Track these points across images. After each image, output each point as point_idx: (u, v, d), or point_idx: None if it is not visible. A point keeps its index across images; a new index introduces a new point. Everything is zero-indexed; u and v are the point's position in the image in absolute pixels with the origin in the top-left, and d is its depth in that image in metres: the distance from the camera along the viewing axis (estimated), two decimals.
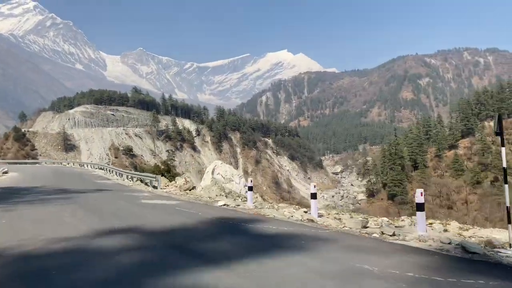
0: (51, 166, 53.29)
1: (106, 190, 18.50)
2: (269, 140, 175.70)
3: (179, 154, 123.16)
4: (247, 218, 10.10)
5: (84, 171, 39.29)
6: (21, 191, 17.14)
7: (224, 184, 18.23)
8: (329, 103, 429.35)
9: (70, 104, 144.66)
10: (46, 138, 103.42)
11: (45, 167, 46.39)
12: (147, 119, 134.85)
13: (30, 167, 47.53)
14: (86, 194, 16.15)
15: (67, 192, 16.62)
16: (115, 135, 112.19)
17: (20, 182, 22.18)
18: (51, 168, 42.86)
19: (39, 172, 33.66)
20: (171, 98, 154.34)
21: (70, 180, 25.25)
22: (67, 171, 37.00)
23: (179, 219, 9.62)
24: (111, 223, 8.63)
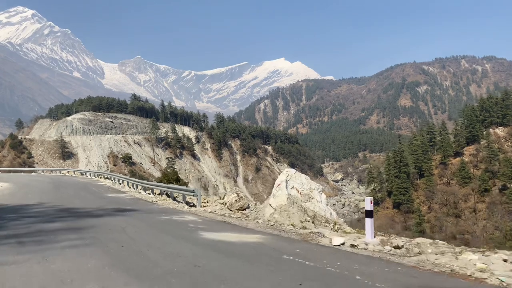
0: (49, 175, 48.21)
1: (129, 211, 13.78)
2: (268, 147, 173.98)
3: (179, 161, 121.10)
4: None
5: (89, 181, 33.07)
6: (8, 213, 12.23)
7: (303, 203, 12.57)
8: (328, 110, 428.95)
9: (67, 111, 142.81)
10: (43, 145, 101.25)
11: (43, 177, 40.40)
12: (146, 126, 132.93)
13: (26, 176, 42.26)
14: (104, 219, 11.52)
15: (77, 216, 12.06)
16: (114, 143, 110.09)
17: (10, 198, 17.53)
18: (49, 178, 37.24)
19: (36, 182, 28.66)
20: (171, 105, 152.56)
21: (75, 194, 20.23)
22: (69, 181, 31.34)
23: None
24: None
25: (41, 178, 35.61)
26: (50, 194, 20.13)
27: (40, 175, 46.13)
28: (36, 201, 16.13)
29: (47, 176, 44.17)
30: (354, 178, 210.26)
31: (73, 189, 23.60)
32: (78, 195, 20.13)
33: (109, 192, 22.51)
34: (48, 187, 24.63)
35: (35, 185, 26.00)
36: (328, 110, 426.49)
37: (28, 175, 44.91)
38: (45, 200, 16.57)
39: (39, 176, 43.78)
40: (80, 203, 16.14)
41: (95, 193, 21.91)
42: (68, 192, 21.86)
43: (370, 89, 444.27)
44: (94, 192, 22.63)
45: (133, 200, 18.60)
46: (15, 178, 35.24)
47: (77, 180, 35.18)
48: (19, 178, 35.74)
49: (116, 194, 21.33)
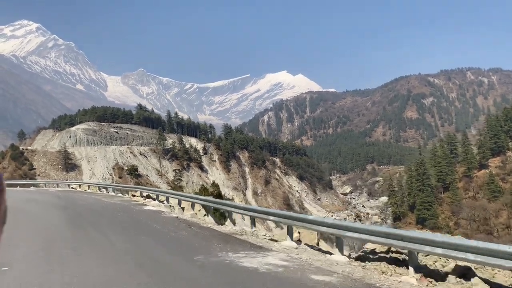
0: (54, 190, 36.04)
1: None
2: (276, 159, 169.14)
3: (186, 173, 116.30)
4: None
5: (119, 203, 21.82)
6: None
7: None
8: (332, 122, 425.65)
9: (71, 122, 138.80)
10: (46, 156, 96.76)
11: (46, 193, 29.90)
12: (152, 137, 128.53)
13: (23, 192, 30.63)
14: None
15: None
16: (119, 154, 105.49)
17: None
18: (55, 196, 26.50)
19: (36, 205, 19.19)
20: (177, 116, 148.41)
21: (133, 250, 9.17)
22: (88, 203, 20.80)
23: None
24: None
25: (45, 197, 25.57)
26: (65, 242, 9.66)
27: (42, 191, 36.04)
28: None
29: (51, 192, 32.03)
30: (364, 191, 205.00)
31: (110, 224, 13.30)
32: (143, 252, 8.93)
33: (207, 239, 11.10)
34: (58, 216, 14.68)
35: (34, 211, 16.42)
36: (332, 122, 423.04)
37: (26, 191, 34.03)
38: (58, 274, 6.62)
39: (41, 192, 33.05)
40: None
41: (174, 242, 10.54)
42: (106, 233, 11.27)
43: (375, 101, 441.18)
44: (166, 238, 11.18)
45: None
46: (11, 196, 25.68)
47: (100, 200, 23.45)
48: (12, 196, 23.68)
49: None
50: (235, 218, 15.35)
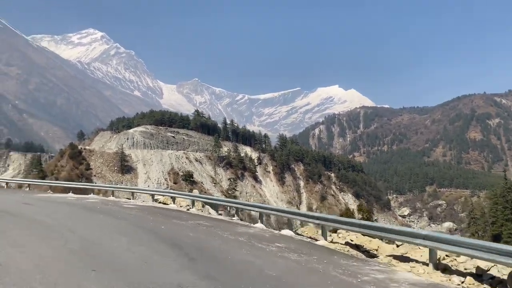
0: (133, 206, 19.62)
1: None
2: (331, 174, 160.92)
3: (240, 183, 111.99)
4: None
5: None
6: None
7: None
8: (387, 139, 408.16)
9: (128, 125, 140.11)
10: (103, 157, 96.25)
11: (103, 213, 15.52)
12: (207, 143, 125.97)
13: (84, 211, 16.29)
14: None
15: None
16: (175, 159, 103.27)
17: None
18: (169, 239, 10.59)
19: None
20: (233, 123, 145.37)
21: None
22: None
23: None
24: None
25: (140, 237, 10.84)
26: None
27: (114, 210, 17.90)
28: None
29: (139, 217, 15.21)
30: (424, 215, 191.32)
31: None
32: None
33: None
34: None
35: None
36: (388, 139, 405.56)
37: (87, 207, 18.07)
38: None
39: (115, 214, 15.98)
40: None
41: None
42: None
43: (435, 120, 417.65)
44: None
45: None
46: (41, 214, 14.08)
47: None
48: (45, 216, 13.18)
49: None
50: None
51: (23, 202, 18.08)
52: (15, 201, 18.84)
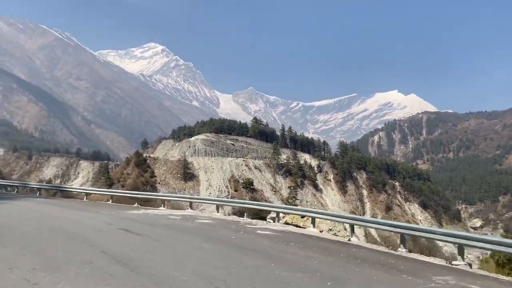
0: (195, 226, 15.17)
1: None
2: (395, 183, 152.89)
3: (300, 191, 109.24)
4: None
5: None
6: None
7: None
8: (453, 146, 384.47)
9: (189, 133, 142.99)
10: (166, 165, 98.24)
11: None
12: (266, 151, 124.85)
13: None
14: None
15: None
16: (235, 166, 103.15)
17: None
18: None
19: None
20: (291, 131, 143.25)
21: None
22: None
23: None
24: None
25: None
26: None
27: (215, 232, 13.53)
28: None
29: (254, 245, 11.37)
30: (499, 227, 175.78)
31: None
32: None
33: None
34: None
35: None
36: (454, 146, 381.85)
37: (199, 237, 12.26)
38: None
39: (232, 244, 11.33)
40: None
41: None
42: None
43: (506, 125, 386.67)
44: None
45: None
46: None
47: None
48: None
49: None
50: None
51: (125, 228, 12.45)
52: (106, 223, 13.73)
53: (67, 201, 25.10)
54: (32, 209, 17.75)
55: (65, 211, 17.65)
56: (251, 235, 13.13)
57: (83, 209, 19.02)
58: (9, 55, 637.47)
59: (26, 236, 10.33)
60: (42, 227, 11.97)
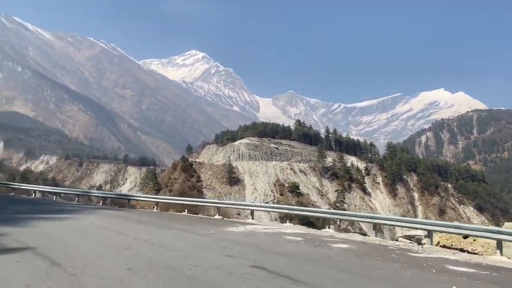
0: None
1: None
2: (448, 184, 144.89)
3: (347, 195, 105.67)
4: None
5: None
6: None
7: None
8: (508, 145, 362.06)
9: (232, 138, 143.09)
10: (212, 169, 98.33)
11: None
12: (310, 154, 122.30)
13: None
14: None
15: None
16: (280, 170, 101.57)
17: None
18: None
19: None
20: (336, 133, 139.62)
21: None
22: None
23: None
24: None
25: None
26: None
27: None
28: None
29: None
30: None
31: None
32: None
33: None
34: None
35: None
36: (509, 145, 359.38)
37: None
38: None
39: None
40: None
41: None
42: None
43: None
44: None
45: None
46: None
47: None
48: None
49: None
50: None
51: (258, 264, 8.46)
52: (223, 253, 9.64)
53: (137, 214, 20.74)
54: (106, 228, 13.54)
55: (149, 230, 13.21)
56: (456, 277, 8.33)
57: (167, 225, 15.04)
58: (60, 67, 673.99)
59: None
60: (139, 268, 7.54)
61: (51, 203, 25.17)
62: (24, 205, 21.40)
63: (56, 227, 13.14)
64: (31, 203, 23.58)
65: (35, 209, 20.02)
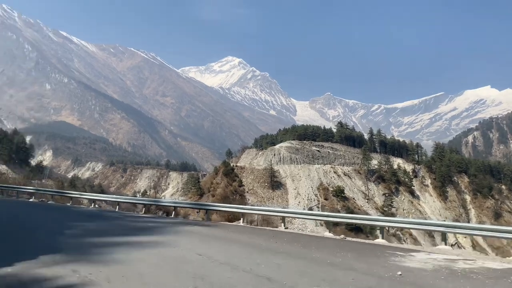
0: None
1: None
2: (502, 186, 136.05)
3: (395, 199, 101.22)
4: None
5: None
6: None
7: None
8: None
9: (272, 141, 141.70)
10: (253, 173, 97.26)
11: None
12: (354, 156, 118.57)
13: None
14: None
15: None
16: (323, 173, 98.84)
17: None
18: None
19: None
20: (380, 134, 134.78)
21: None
22: None
23: None
24: None
25: None
26: None
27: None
28: None
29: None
30: None
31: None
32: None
33: None
34: None
35: None
36: None
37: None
38: None
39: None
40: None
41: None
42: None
43: None
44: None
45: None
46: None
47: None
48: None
49: None
50: None
51: None
52: None
53: (230, 231, 15.51)
54: (229, 264, 8.41)
55: (303, 270, 8.27)
56: None
57: (314, 258, 9.86)
58: (103, 77, 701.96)
59: None
60: None
61: (118, 217, 19.92)
62: (92, 221, 17.33)
63: (151, 261, 8.37)
64: (97, 217, 19.21)
65: (107, 227, 15.52)
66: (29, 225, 14.30)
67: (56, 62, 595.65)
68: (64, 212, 21.91)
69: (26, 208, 22.68)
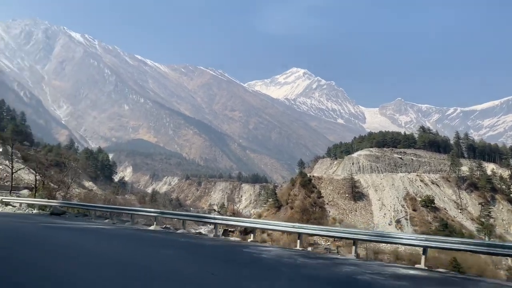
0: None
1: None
2: None
3: (492, 208, 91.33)
4: None
5: None
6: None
7: None
8: None
9: (346, 150, 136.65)
10: (332, 184, 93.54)
11: None
12: (440, 163, 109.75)
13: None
14: None
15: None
16: (408, 182, 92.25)
17: None
18: None
19: None
20: (468, 137, 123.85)
21: None
22: None
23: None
24: None
25: None
26: None
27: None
28: None
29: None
30: None
31: None
32: None
33: None
34: None
35: None
36: None
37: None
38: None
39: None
40: None
41: None
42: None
43: None
44: None
45: None
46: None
47: None
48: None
49: None
50: None
51: None
52: None
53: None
54: None
55: None
56: None
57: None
58: (176, 96, 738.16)
59: None
60: None
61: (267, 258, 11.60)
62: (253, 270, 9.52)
63: None
64: (241, 259, 11.40)
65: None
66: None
67: (133, 84, 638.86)
68: (201, 250, 13.02)
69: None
